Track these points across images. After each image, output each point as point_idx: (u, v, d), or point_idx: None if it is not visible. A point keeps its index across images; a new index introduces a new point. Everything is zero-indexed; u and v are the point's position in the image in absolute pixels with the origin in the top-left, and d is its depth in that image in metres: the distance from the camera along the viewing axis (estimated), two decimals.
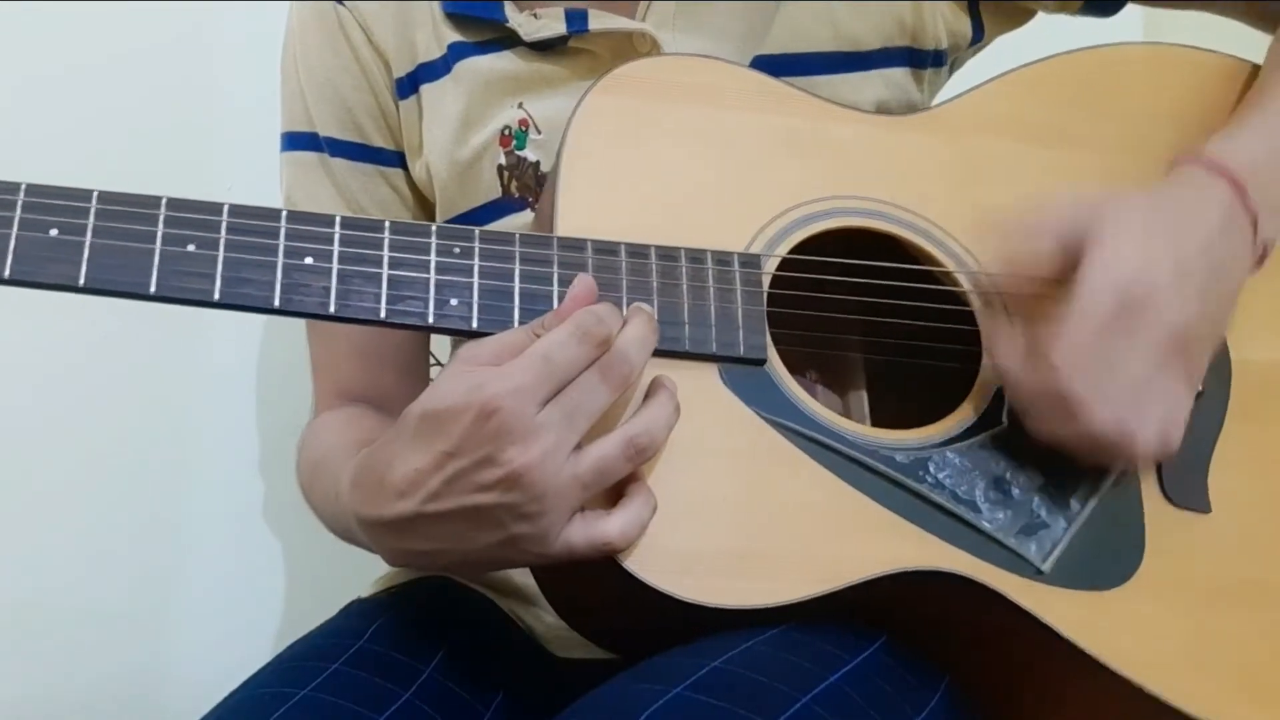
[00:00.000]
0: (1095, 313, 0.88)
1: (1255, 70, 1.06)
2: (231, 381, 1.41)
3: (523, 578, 1.04)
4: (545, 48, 1.06)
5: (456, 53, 1.08)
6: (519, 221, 1.08)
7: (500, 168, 1.08)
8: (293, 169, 1.15)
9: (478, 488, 0.80)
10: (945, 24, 1.09)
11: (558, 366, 0.81)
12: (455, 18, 1.08)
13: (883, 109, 1.06)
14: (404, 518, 0.82)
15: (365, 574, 1.14)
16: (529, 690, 1.03)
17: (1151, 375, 0.89)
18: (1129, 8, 1.14)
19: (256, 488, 1.41)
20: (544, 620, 1.08)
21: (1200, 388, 0.96)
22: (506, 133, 1.08)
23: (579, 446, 0.82)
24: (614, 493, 0.85)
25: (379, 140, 1.13)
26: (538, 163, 1.07)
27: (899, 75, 1.08)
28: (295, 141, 1.15)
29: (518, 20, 1.06)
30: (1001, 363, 0.91)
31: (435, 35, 1.09)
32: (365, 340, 1.14)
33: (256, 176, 1.32)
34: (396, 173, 1.14)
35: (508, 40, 1.07)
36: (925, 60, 1.09)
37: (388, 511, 0.83)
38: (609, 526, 0.83)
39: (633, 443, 0.83)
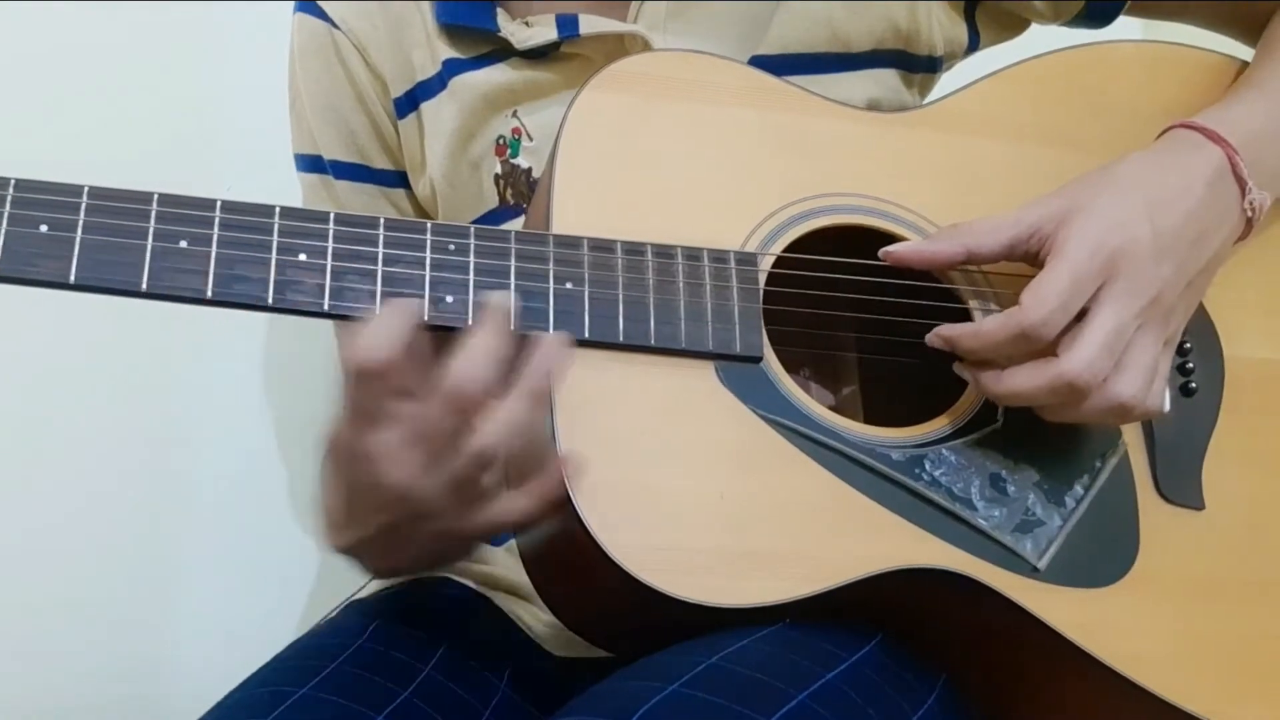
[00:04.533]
0: (1070, 263, 0.88)
1: (1246, 67, 1.06)
2: (232, 380, 1.41)
3: (520, 576, 1.04)
4: (538, 55, 1.06)
5: (451, 69, 1.08)
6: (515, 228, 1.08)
7: (496, 177, 1.09)
8: (305, 190, 1.17)
9: (376, 508, 0.85)
10: (942, 30, 1.09)
11: (371, 412, 0.81)
12: (449, 30, 1.08)
13: (874, 107, 1.06)
14: (350, 546, 0.90)
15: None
16: (527, 688, 1.03)
17: (1126, 326, 0.89)
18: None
19: (257, 487, 1.41)
20: (542, 619, 1.08)
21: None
22: (501, 142, 1.08)
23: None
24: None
25: (380, 162, 1.14)
26: (530, 169, 1.07)
27: (888, 76, 1.08)
28: (303, 164, 1.16)
29: (510, 29, 1.06)
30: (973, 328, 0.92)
31: (430, 52, 1.09)
32: None
33: (256, 176, 1.32)
34: (398, 193, 1.15)
35: (501, 52, 1.07)
36: (918, 65, 1.09)
37: (339, 544, 0.90)
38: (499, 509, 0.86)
39: (480, 458, 0.82)
